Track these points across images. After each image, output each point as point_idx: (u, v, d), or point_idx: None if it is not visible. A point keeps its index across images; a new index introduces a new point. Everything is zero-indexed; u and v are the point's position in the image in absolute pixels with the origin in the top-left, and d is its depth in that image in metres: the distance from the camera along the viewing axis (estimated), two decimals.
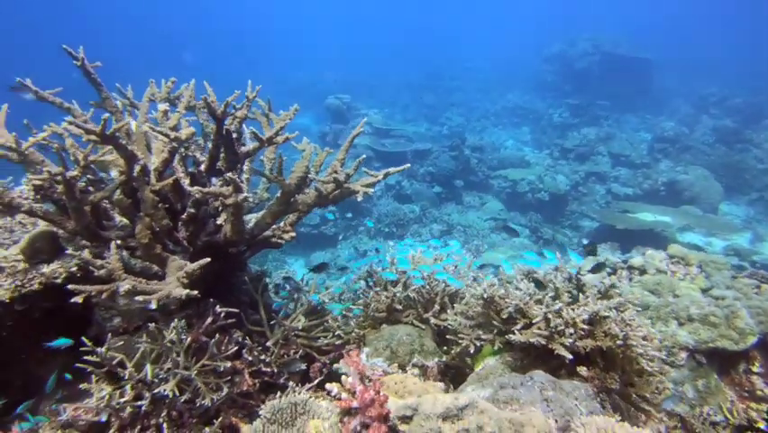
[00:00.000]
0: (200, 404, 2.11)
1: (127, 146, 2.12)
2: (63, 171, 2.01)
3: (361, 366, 1.37)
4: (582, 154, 11.71)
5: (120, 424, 2.16)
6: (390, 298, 2.51)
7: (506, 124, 17.48)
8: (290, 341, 2.70)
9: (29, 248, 2.44)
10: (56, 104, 2.68)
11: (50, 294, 2.59)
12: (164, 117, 2.59)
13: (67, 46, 2.52)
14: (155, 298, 1.81)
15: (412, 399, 1.35)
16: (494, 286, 2.22)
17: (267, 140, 2.25)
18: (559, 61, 17.63)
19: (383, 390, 1.34)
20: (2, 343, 2.53)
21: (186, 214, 2.42)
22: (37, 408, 2.67)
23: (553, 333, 1.85)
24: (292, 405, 2.05)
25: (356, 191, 2.41)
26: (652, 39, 18.96)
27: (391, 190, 10.85)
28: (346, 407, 1.34)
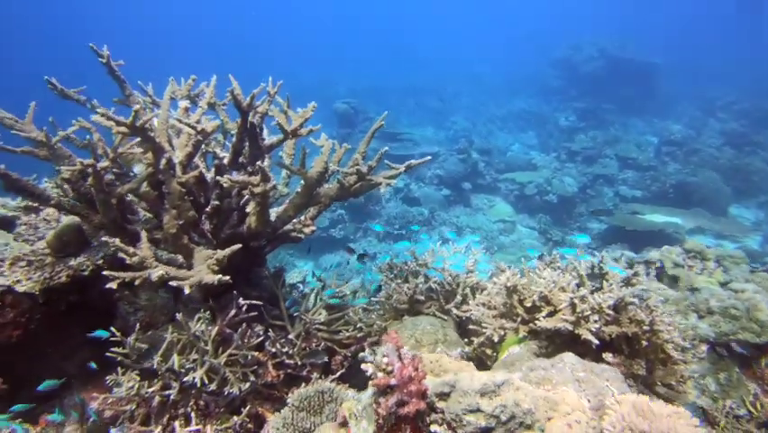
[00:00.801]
0: (228, 393, 2.12)
1: (155, 138, 2.15)
2: (94, 163, 2.04)
3: (399, 343, 1.39)
4: (590, 157, 11.71)
5: (147, 413, 2.19)
6: (413, 289, 2.52)
7: (511, 128, 17.50)
8: (311, 334, 2.71)
9: (56, 241, 2.47)
10: (80, 101, 2.72)
11: (76, 287, 2.63)
12: (185, 114, 2.64)
13: (93, 44, 2.57)
14: (188, 283, 1.83)
15: (449, 376, 1.37)
16: (517, 275, 2.23)
17: (291, 131, 2.28)
18: (564, 66, 17.67)
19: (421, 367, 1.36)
20: (30, 336, 2.56)
21: (210, 207, 2.45)
22: (62, 401, 2.70)
23: (580, 318, 1.86)
24: (319, 393, 2.07)
25: (378, 183, 2.43)
26: (657, 43, 19.00)
27: (399, 193, 10.87)
28: (384, 384, 1.36)
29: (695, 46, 22.44)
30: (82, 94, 2.73)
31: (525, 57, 23.97)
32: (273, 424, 1.92)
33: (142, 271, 1.91)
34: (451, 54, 27.84)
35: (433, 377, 1.41)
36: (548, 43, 20.88)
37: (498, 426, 1.30)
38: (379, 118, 2.59)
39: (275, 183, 2.12)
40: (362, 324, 2.66)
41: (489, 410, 1.29)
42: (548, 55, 19.64)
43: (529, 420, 1.33)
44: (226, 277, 1.86)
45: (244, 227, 2.51)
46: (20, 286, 2.37)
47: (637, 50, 16.45)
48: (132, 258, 1.90)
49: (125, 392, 2.10)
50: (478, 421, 1.29)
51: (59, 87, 2.66)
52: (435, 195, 11.02)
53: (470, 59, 26.64)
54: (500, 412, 1.29)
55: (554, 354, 1.94)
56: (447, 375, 1.37)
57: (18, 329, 2.52)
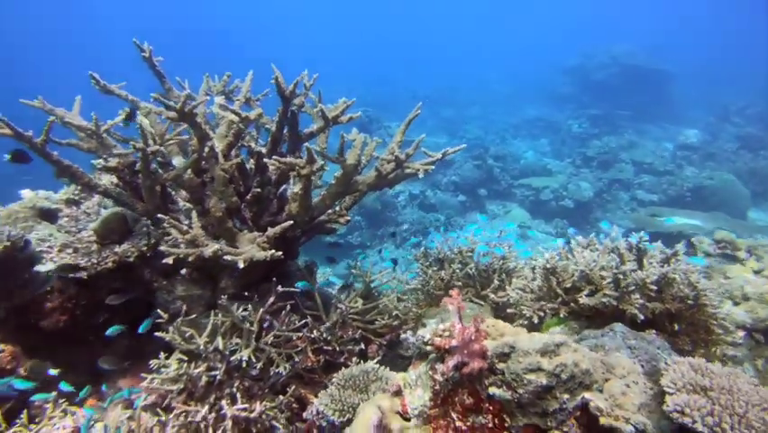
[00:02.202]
0: (273, 372, 2.16)
1: (201, 125, 2.22)
2: (145, 147, 2.11)
3: (461, 305, 1.42)
4: (605, 162, 11.70)
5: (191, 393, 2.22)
6: (449, 275, 2.55)
7: (524, 135, 17.51)
8: (347, 323, 2.74)
9: (102, 228, 2.54)
10: (121, 96, 2.81)
11: (119, 275, 2.69)
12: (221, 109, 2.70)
13: (136, 40, 2.66)
14: (242, 258, 1.88)
15: (508, 338, 1.40)
16: (555, 258, 2.26)
17: (332, 119, 2.34)
18: (577, 74, 17.72)
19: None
20: (75, 323, 2.63)
21: (250, 194, 2.51)
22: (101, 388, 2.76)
23: (624, 293, 1.88)
24: (364, 372, 2.10)
25: (416, 170, 2.48)
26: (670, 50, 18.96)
27: (416, 199, 10.92)
28: (445, 345, 1.39)
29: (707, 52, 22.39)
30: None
31: (535, 66, 24.04)
32: (320, 400, 1.95)
33: (196, 249, 1.96)
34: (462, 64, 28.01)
35: (490, 341, 1.44)
36: (559, 52, 20.96)
37: (558, 385, 1.32)
38: (416, 107, 2.64)
39: (322, 164, 2.17)
40: (398, 311, 2.68)
41: (549, 369, 1.32)
42: (559, 64, 19.72)
43: (588, 381, 1.35)
44: (279, 252, 1.91)
45: (283, 215, 2.56)
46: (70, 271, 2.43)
47: (650, 58, 16.48)
48: (185, 236, 1.95)
49: (174, 372, 2.14)
50: (539, 380, 1.32)
51: (101, 83, 2.75)
52: (451, 201, 11.05)
53: (482, 69, 26.78)
54: (560, 371, 1.32)
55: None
56: (506, 338, 1.40)
57: (65, 315, 2.58)
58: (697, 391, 1.21)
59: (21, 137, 2.10)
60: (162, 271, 2.95)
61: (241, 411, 1.99)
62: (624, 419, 1.24)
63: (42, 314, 2.56)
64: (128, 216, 2.72)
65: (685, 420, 1.15)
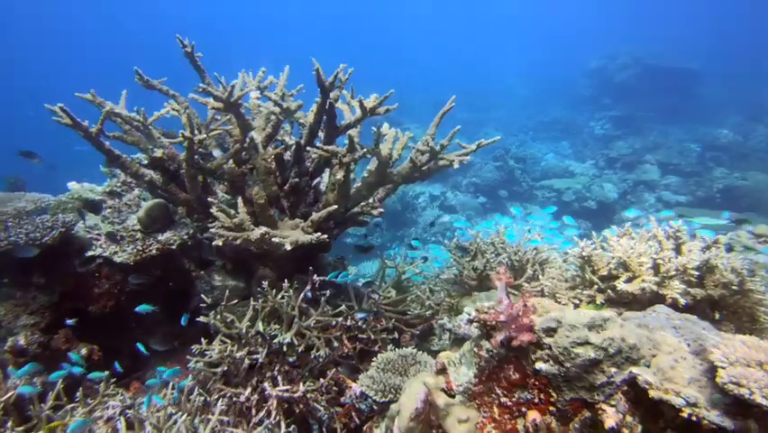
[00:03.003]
0: (314, 356, 2.22)
1: (245, 115, 2.30)
2: (191, 136, 2.19)
3: (509, 281, 1.46)
4: (629, 163, 11.58)
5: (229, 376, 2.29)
6: (483, 265, 2.58)
7: (544, 138, 17.38)
8: (380, 314, 2.79)
9: (146, 217, 2.63)
10: (162, 91, 2.90)
11: (161, 262, 2.78)
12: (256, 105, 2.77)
13: (179, 35, 2.75)
14: (288, 241, 1.94)
15: (554, 313, 1.43)
16: (590, 246, 2.27)
17: (370, 110, 2.40)
18: (598, 75, 17.55)
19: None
20: (119, 309, 2.72)
21: (288, 185, 2.58)
22: (144, 373, 2.84)
23: (665, 278, 1.90)
24: (402, 357, 2.14)
25: (451, 160, 2.51)
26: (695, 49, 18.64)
27: (436, 201, 10.94)
28: (492, 319, 1.43)
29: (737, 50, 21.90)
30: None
31: (555, 68, 23.86)
32: (361, 382, 2.00)
33: (243, 232, 2.02)
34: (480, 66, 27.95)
35: (536, 316, 1.47)
36: (579, 55, 20.79)
37: (605, 358, 1.35)
38: (449, 100, 2.69)
39: (365, 150, 2.22)
40: (431, 301, 2.72)
41: (597, 342, 1.34)
42: (580, 66, 19.55)
43: (635, 355, 1.37)
44: (324, 235, 1.97)
45: (319, 205, 2.63)
46: (117, 257, 2.53)
47: (674, 58, 16.23)
48: (232, 220, 2.02)
49: (217, 355, 2.20)
50: (587, 353, 1.34)
51: (144, 78, 2.85)
52: (472, 202, 11.04)
53: (500, 71, 26.68)
54: (608, 345, 1.35)
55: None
56: (552, 313, 1.43)
57: (111, 300, 2.68)
58: (751, 365, 1.22)
59: (78, 126, 2.20)
60: (199, 261, 3.05)
61: (284, 392, 2.05)
62: (674, 393, 1.26)
63: (90, 299, 2.66)
64: (170, 207, 2.82)
65: (741, 392, 1.17)
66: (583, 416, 1.38)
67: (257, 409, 2.13)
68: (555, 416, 1.44)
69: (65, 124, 2.22)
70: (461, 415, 1.56)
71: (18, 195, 3.03)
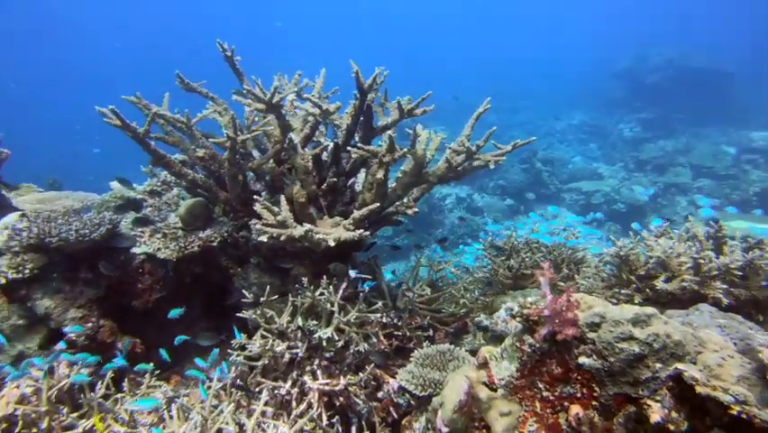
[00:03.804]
0: (354, 351, 2.26)
1: (285, 117, 2.36)
2: (235, 136, 2.26)
3: (552, 276, 1.48)
4: (660, 166, 11.37)
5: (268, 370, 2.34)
6: (518, 264, 2.59)
7: (572, 141, 17.18)
8: (414, 312, 2.82)
9: (188, 215, 2.72)
10: (202, 93, 3.00)
11: (202, 259, 2.87)
12: (292, 107, 2.84)
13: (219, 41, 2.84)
14: (332, 237, 1.99)
15: (598, 309, 1.44)
16: (628, 246, 2.27)
17: (407, 111, 2.44)
18: (628, 77, 17.26)
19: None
20: (161, 304, 2.81)
21: (325, 184, 2.63)
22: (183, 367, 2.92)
23: (706, 278, 1.88)
24: (440, 352, 2.17)
25: (487, 161, 2.54)
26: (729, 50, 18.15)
27: (462, 203, 10.92)
28: (536, 314, 1.45)
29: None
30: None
31: (581, 70, 23.58)
32: (401, 376, 2.04)
33: (286, 229, 2.08)
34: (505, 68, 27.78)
35: (579, 312, 1.48)
36: (605, 56, 20.50)
37: (650, 354, 1.35)
38: (485, 102, 2.71)
39: (404, 150, 2.26)
40: (466, 299, 2.74)
41: (642, 337, 1.35)
42: (607, 68, 19.27)
43: (680, 352, 1.37)
44: (367, 232, 2.01)
45: (356, 204, 2.67)
46: (160, 253, 2.62)
47: (708, 58, 15.84)
48: (276, 217, 2.08)
49: (258, 349, 2.27)
50: (631, 348, 1.35)
51: (185, 81, 2.95)
52: (499, 204, 10.99)
53: (526, 74, 26.47)
54: (653, 340, 1.35)
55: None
56: (595, 309, 1.44)
57: (154, 295, 2.77)
58: None
59: (127, 128, 2.30)
60: (237, 258, 3.13)
61: (325, 385, 2.09)
62: (722, 389, 1.26)
63: (134, 294, 2.76)
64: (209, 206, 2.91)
65: None
66: (627, 411, 1.38)
67: (297, 402, 2.18)
68: (598, 410, 1.45)
69: (115, 125, 2.32)
70: (504, 408, 1.58)
71: (65, 194, 3.16)
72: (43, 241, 2.51)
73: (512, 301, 2.47)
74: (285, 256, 2.92)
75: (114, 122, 2.29)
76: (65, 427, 1.99)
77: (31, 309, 2.66)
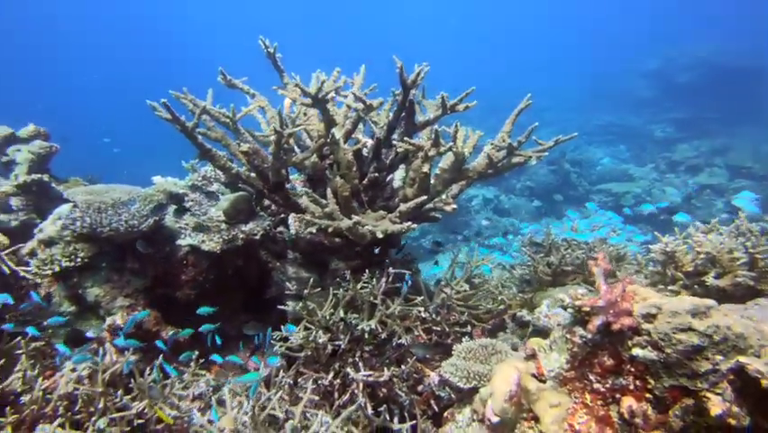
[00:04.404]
0: (396, 343, 2.28)
1: (330, 111, 2.40)
2: (281, 130, 2.31)
3: (607, 267, 1.48)
4: (695, 167, 11.12)
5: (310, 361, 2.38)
6: (558, 260, 2.58)
7: (599, 142, 16.91)
8: (451, 308, 2.83)
9: (232, 209, 2.78)
10: (243, 90, 3.06)
11: (244, 252, 2.92)
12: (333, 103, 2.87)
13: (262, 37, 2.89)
14: (379, 230, 2.02)
15: (653, 300, 1.43)
16: (673, 242, 2.24)
17: (450, 107, 2.45)
18: (658, 76, 16.95)
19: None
20: (203, 296, 2.88)
21: (367, 179, 2.66)
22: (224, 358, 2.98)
23: (764, 273, 1.85)
24: (482, 346, 2.18)
25: (528, 157, 2.53)
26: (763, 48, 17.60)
27: (489, 204, 10.86)
28: (590, 305, 1.45)
29: None
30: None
31: (609, 70, 23.17)
32: (444, 369, 2.05)
33: (334, 221, 2.12)
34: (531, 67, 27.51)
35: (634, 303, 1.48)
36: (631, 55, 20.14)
37: (710, 345, 1.34)
38: (525, 98, 2.71)
39: (451, 145, 2.28)
40: (504, 296, 2.74)
41: (701, 329, 1.34)
42: (635, 67, 18.94)
43: (742, 345, 1.36)
44: (414, 225, 2.03)
45: (396, 200, 2.70)
46: (205, 245, 2.69)
47: (743, 56, 15.40)
48: (324, 209, 2.12)
49: (301, 340, 2.30)
50: (689, 339, 1.34)
51: (227, 77, 3.02)
52: (526, 206, 10.90)
53: (552, 73, 26.16)
54: (713, 332, 1.34)
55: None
56: (651, 300, 1.44)
57: (196, 287, 2.84)
58: None
59: (177, 121, 2.37)
60: (276, 253, 3.18)
61: (368, 376, 2.12)
62: None
63: (178, 285, 2.83)
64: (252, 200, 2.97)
65: None
66: (684, 404, 1.37)
67: (339, 392, 2.22)
68: (652, 403, 1.45)
69: (165, 118, 2.39)
70: (553, 400, 1.59)
71: (113, 186, 3.25)
72: (95, 231, 2.60)
73: (552, 298, 2.46)
74: (323, 252, 2.96)
75: (164, 115, 2.36)
76: (118, 408, 2.06)
77: (81, 297, 2.76)
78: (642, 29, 29.50)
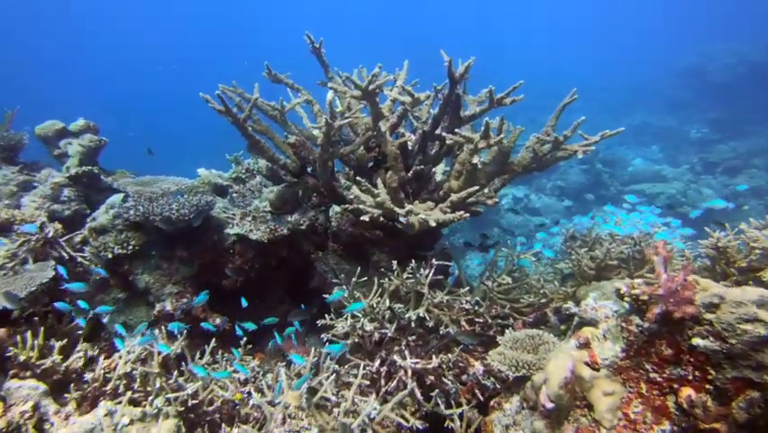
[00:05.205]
0: (443, 332, 2.31)
1: (379, 104, 2.44)
2: (331, 122, 2.36)
3: (667, 255, 1.48)
4: (733, 168, 10.82)
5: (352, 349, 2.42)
6: (603, 254, 2.57)
7: (631, 143, 16.57)
8: (493, 300, 2.84)
9: (277, 200, 2.85)
10: (288, 84, 3.12)
11: (288, 243, 2.99)
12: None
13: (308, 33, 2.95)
14: (432, 218, 2.05)
15: (715, 289, 1.43)
16: (725, 238, 2.22)
17: (497, 100, 2.46)
18: (694, 76, 16.51)
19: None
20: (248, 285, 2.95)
21: (412, 171, 2.70)
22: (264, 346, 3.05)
23: None
24: (529, 337, 2.18)
25: (574, 150, 2.53)
26: None
27: (519, 203, 10.78)
28: (649, 293, 1.45)
29: None
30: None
31: (640, 70, 22.69)
32: (492, 358, 2.07)
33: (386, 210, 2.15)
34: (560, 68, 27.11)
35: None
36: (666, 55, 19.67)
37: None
38: (570, 93, 2.71)
39: (501, 137, 2.29)
40: (546, 289, 2.74)
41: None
42: (669, 67, 18.51)
43: None
44: (467, 214, 2.06)
45: (440, 193, 2.72)
46: (252, 234, 2.76)
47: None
48: (375, 198, 2.16)
49: (348, 328, 2.35)
50: (755, 330, 1.34)
51: (272, 72, 3.09)
52: (557, 205, 10.79)
53: (582, 73, 25.74)
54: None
55: None
56: (713, 289, 1.43)
57: (241, 276, 2.91)
58: None
59: (229, 113, 2.44)
60: (317, 244, 3.24)
61: (416, 364, 2.15)
62: None
63: (224, 274, 2.91)
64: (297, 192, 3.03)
65: None
66: (749, 396, 1.37)
67: (385, 379, 2.26)
68: (712, 394, 1.44)
69: (218, 110, 2.47)
70: (607, 388, 1.59)
71: (161, 178, 3.37)
72: (147, 219, 2.69)
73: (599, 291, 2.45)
74: (364, 244, 3.00)
75: (216, 107, 2.43)
76: (173, 388, 2.14)
77: (132, 283, 2.86)
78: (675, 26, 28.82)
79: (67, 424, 1.76)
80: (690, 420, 1.46)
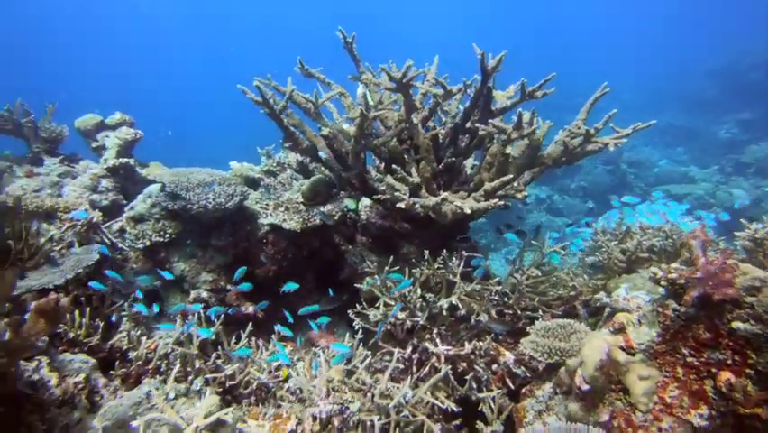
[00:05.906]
0: (475, 320, 2.34)
1: (412, 96, 2.48)
2: (366, 113, 2.41)
3: (706, 238, 1.49)
4: (765, 169, 10.58)
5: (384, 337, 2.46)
6: (635, 246, 2.57)
7: (656, 143, 16.30)
8: (522, 293, 2.85)
9: (310, 192, 2.90)
10: (320, 79, 3.17)
11: (320, 233, 3.05)
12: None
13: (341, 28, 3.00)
14: (467, 206, 2.09)
15: (757, 273, 1.43)
16: (763, 229, 2.20)
17: (529, 93, 2.49)
18: (724, 75, 16.16)
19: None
20: (281, 274, 3.02)
21: (443, 164, 2.73)
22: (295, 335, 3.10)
23: None
24: (560, 326, 2.20)
25: (605, 143, 2.54)
26: None
27: (542, 204, 10.71)
28: (687, 277, 1.46)
29: None
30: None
31: (665, 70, 22.29)
32: (524, 345, 2.09)
33: (422, 199, 2.20)
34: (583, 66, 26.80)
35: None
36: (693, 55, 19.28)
37: None
38: (601, 86, 2.72)
39: (534, 128, 2.32)
40: (575, 282, 2.75)
41: None
42: (696, 67, 18.15)
43: None
44: (501, 202, 2.09)
45: (471, 185, 2.75)
46: (286, 224, 2.82)
47: None
48: (408, 185, 2.20)
49: (380, 316, 2.40)
50: None
51: (305, 67, 3.14)
52: (580, 206, 10.68)
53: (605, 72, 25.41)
54: None
55: None
56: (754, 273, 1.44)
57: (275, 265, 2.98)
58: None
59: (266, 104, 2.51)
60: (347, 236, 3.29)
61: (449, 350, 2.19)
62: None
63: (257, 263, 2.98)
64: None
65: None
66: None
67: (417, 366, 2.30)
68: (752, 378, 1.44)
69: (255, 101, 2.54)
70: (643, 372, 1.61)
71: (195, 169, 3.46)
72: (185, 208, 2.78)
73: (630, 283, 2.45)
74: (393, 237, 3.05)
75: (254, 98, 2.50)
76: (211, 369, 2.21)
77: (168, 271, 2.95)
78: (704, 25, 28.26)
79: (115, 397, 1.83)
80: (728, 405, 1.46)
